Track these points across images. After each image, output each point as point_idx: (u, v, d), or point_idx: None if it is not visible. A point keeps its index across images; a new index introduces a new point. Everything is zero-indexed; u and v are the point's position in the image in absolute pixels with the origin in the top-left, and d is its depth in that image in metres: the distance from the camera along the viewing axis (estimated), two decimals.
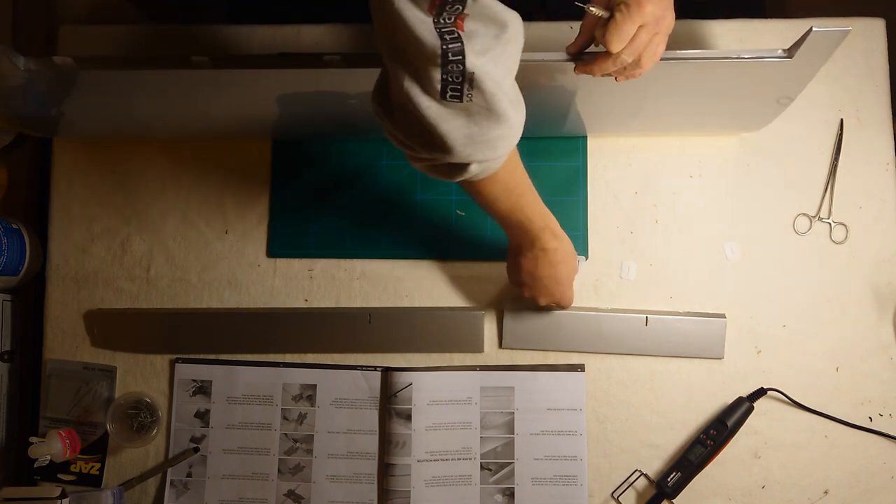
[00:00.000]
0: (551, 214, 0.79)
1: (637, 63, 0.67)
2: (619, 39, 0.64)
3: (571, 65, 0.71)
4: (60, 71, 0.73)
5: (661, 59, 0.69)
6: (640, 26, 0.64)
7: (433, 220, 0.95)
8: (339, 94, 0.82)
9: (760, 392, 0.90)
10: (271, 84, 0.80)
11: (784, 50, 0.73)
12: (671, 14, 0.65)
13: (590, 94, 0.82)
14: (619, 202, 0.95)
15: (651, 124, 0.92)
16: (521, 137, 0.65)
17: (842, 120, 0.95)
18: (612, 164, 0.95)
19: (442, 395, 0.92)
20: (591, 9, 0.65)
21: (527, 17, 0.65)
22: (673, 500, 0.89)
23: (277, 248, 0.95)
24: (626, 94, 0.82)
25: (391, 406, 0.91)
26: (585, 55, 0.70)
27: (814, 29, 0.69)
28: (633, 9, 0.63)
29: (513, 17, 0.58)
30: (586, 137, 0.95)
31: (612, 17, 0.64)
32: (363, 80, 0.76)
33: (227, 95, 0.82)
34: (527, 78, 0.66)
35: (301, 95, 0.83)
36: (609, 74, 0.68)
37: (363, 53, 0.74)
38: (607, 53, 0.65)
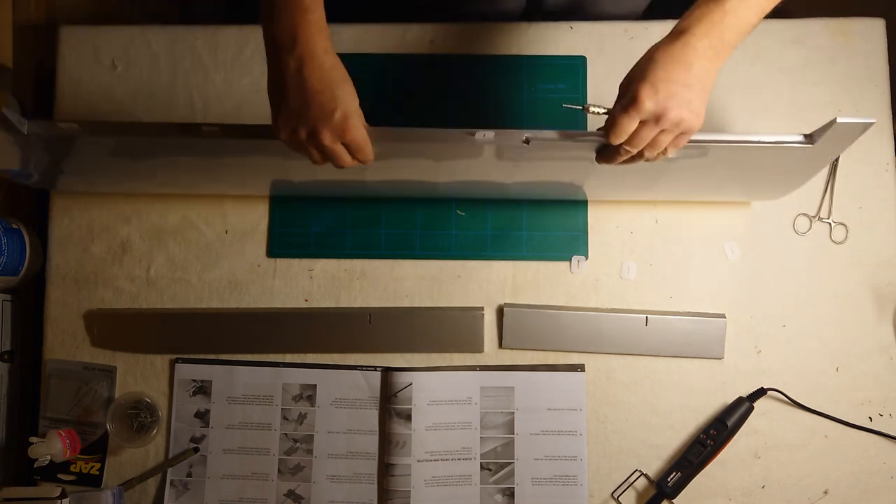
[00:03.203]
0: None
1: (640, 154, 0.70)
2: (616, 134, 0.67)
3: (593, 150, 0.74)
4: (63, 133, 0.74)
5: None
6: (641, 122, 0.66)
7: (433, 220, 0.95)
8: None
9: (760, 392, 0.90)
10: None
11: (805, 136, 0.73)
12: (685, 113, 0.65)
13: (599, 173, 0.83)
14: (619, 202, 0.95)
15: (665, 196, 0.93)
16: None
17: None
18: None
19: (442, 395, 0.92)
20: (592, 108, 0.70)
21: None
22: (673, 500, 0.89)
23: (277, 248, 0.95)
24: (639, 174, 0.83)
25: (391, 406, 0.91)
26: (604, 147, 0.73)
27: (837, 120, 0.69)
28: (629, 105, 0.65)
29: None
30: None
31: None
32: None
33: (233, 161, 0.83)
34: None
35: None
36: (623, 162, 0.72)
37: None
38: (613, 146, 0.69)
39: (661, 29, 0.96)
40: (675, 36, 0.67)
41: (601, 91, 0.96)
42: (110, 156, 0.82)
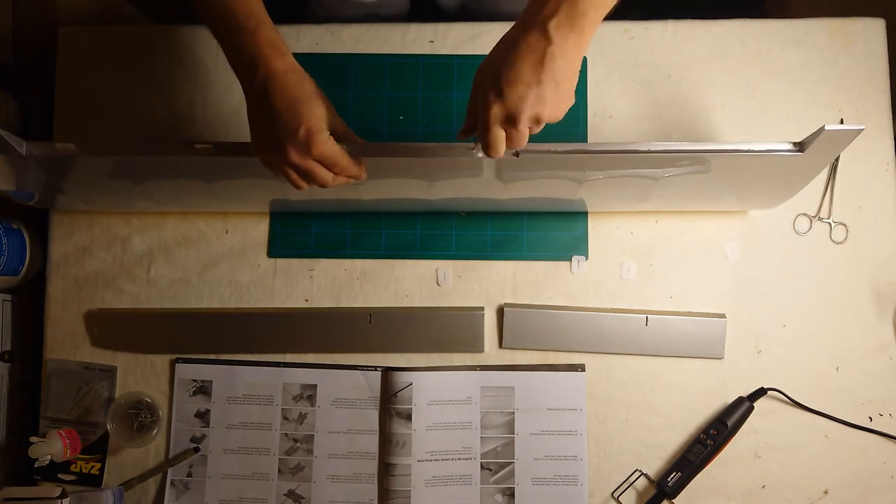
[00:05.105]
0: None
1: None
2: (495, 149, 0.64)
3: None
4: (61, 155, 0.74)
5: (672, 152, 0.72)
6: (504, 126, 0.63)
7: (433, 220, 0.95)
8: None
9: (760, 392, 0.91)
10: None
11: (795, 144, 0.73)
12: (539, 109, 0.61)
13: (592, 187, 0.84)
14: None
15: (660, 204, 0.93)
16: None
17: (842, 120, 0.95)
18: None
19: (442, 395, 0.92)
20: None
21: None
22: (673, 500, 0.89)
23: (277, 248, 0.95)
24: (632, 188, 0.83)
25: (391, 406, 0.91)
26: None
27: (826, 128, 0.69)
28: (485, 114, 0.62)
29: None
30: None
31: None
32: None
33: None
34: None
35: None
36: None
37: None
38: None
39: (661, 29, 0.96)
40: (528, 23, 0.60)
41: (601, 91, 0.96)
42: (109, 177, 0.82)
